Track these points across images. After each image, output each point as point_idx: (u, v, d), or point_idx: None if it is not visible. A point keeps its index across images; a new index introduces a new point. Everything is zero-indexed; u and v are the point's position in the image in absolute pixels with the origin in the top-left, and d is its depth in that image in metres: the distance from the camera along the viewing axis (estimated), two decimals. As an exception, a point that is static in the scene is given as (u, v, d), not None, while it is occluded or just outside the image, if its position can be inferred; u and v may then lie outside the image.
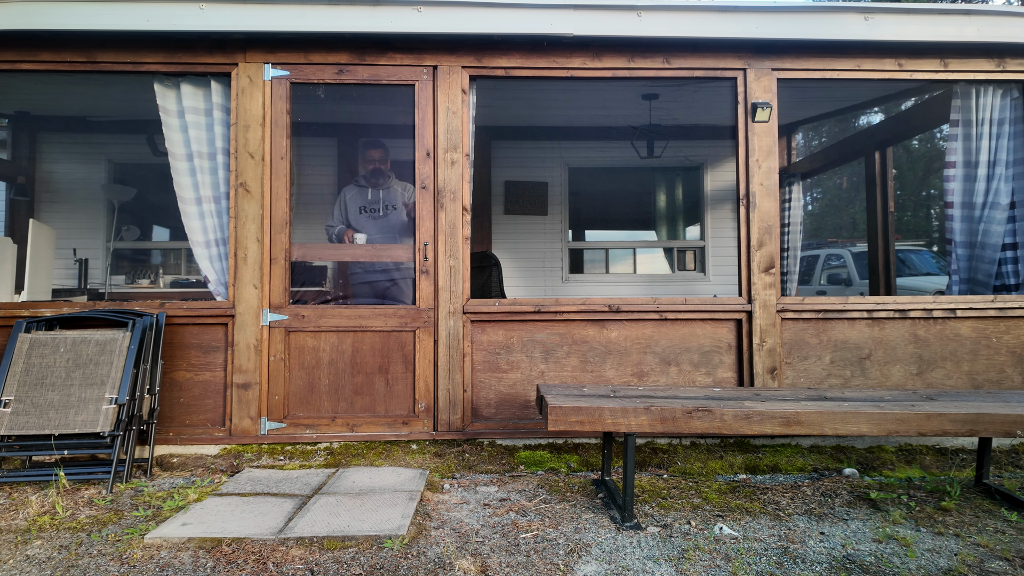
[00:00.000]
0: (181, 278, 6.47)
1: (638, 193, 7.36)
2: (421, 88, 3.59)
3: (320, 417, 3.48)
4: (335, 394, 3.50)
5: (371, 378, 3.52)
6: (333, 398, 3.50)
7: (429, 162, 3.59)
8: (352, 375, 3.51)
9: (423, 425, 3.51)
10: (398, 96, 3.76)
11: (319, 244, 3.63)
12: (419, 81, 3.59)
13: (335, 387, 3.51)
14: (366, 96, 5.42)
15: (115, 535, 2.40)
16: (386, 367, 3.53)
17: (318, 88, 3.73)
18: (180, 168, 3.62)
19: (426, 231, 3.58)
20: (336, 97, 5.46)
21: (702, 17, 3.47)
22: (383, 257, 3.95)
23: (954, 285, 3.97)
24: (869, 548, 2.31)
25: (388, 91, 3.74)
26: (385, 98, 5.42)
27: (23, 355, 3.12)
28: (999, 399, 2.75)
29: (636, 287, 7.00)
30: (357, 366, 3.52)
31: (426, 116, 3.59)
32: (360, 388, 3.51)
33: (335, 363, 3.51)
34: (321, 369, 3.51)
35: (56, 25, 3.31)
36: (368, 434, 3.47)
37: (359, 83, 3.60)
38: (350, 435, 3.46)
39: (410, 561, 2.17)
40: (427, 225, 3.58)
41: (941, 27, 3.55)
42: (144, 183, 6.50)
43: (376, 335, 3.54)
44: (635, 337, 3.59)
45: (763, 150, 3.65)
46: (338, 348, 3.52)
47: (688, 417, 2.47)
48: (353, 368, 3.51)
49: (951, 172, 3.93)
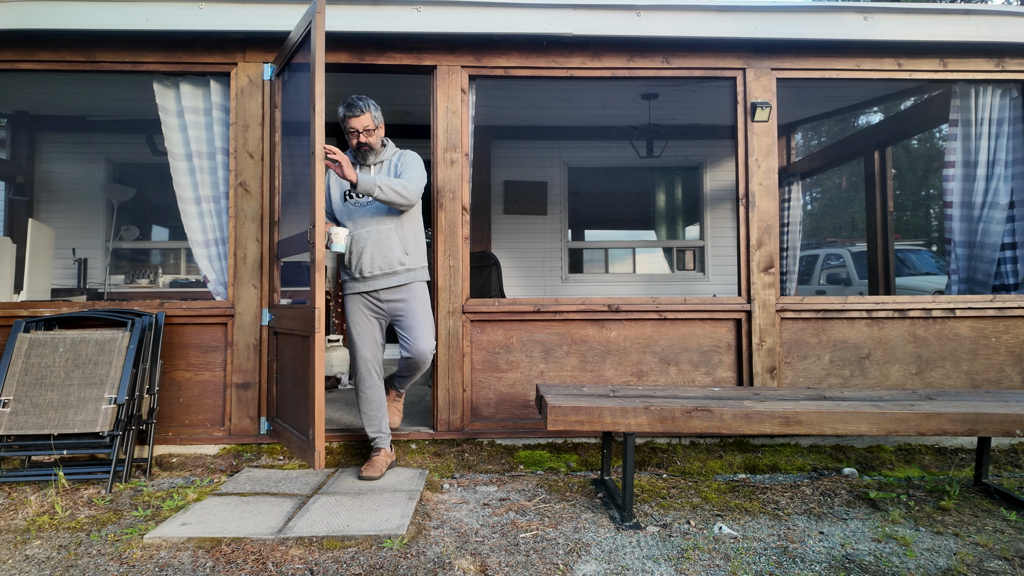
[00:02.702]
0: (180, 278, 6.47)
1: (638, 193, 7.36)
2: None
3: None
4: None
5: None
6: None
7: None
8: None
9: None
10: (398, 96, 3.77)
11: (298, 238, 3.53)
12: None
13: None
14: (365, 95, 5.42)
15: (114, 535, 2.40)
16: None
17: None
18: (179, 168, 3.62)
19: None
20: (335, 97, 5.46)
21: (701, 17, 3.47)
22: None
23: (953, 285, 3.97)
24: (868, 547, 2.31)
25: (388, 90, 3.74)
26: (385, 98, 5.43)
27: (22, 355, 3.12)
28: (998, 399, 2.75)
29: (635, 287, 7.00)
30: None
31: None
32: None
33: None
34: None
35: (55, 24, 3.31)
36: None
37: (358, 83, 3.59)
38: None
39: (410, 561, 2.17)
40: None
41: (940, 27, 3.55)
42: (143, 183, 6.50)
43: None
44: (634, 337, 3.59)
45: (762, 150, 3.65)
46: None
47: (687, 417, 2.47)
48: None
49: (950, 172, 3.94)
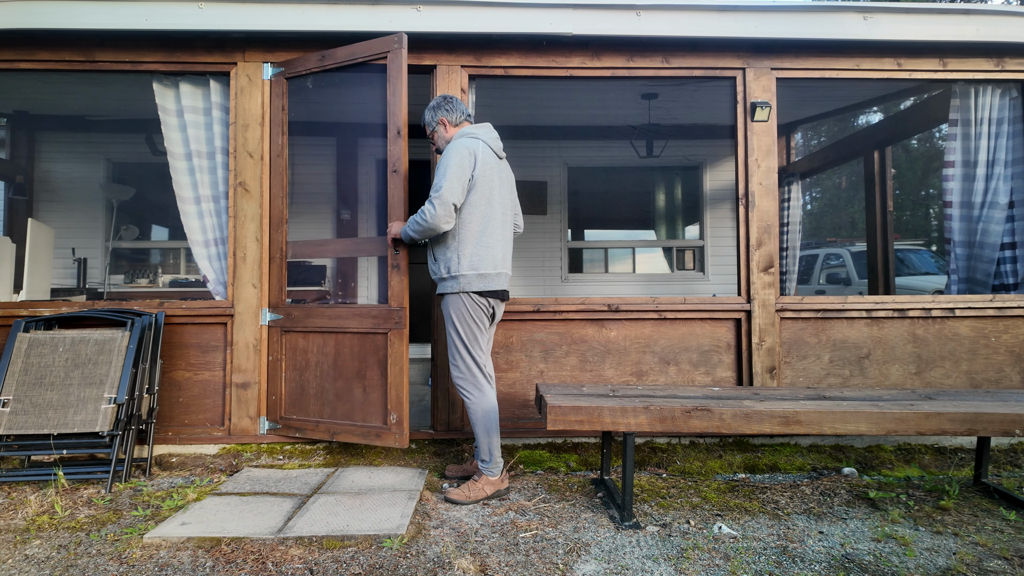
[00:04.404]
0: (180, 277, 6.47)
1: (637, 192, 7.36)
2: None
3: (307, 421, 3.46)
4: (320, 398, 3.47)
5: (350, 383, 3.48)
6: (319, 402, 3.47)
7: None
8: (334, 379, 3.43)
9: (394, 440, 3.47)
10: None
11: (303, 241, 3.55)
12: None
13: (320, 391, 3.47)
14: (365, 95, 5.42)
15: (114, 535, 2.39)
16: (363, 372, 3.49)
17: (307, 79, 3.68)
18: (179, 167, 3.61)
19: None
20: (336, 96, 5.47)
21: (701, 16, 3.47)
22: (363, 252, 3.58)
23: (953, 284, 3.97)
24: (868, 547, 2.31)
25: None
26: (384, 97, 5.42)
27: (22, 354, 3.12)
28: (998, 398, 2.75)
29: (635, 286, 7.00)
30: (339, 369, 3.42)
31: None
32: (341, 393, 3.47)
33: (320, 365, 3.46)
34: (309, 371, 3.43)
35: (55, 24, 3.30)
36: (347, 442, 3.45)
37: (358, 83, 3.59)
38: (333, 442, 3.45)
39: (409, 560, 2.17)
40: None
41: (940, 27, 3.55)
42: (143, 182, 6.50)
43: (354, 337, 3.47)
44: (634, 336, 3.59)
45: (762, 149, 3.65)
46: (323, 350, 3.44)
47: (687, 416, 2.47)
48: (335, 371, 3.39)
49: (950, 172, 3.94)
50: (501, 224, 2.80)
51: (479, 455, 2.81)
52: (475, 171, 2.71)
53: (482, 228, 2.74)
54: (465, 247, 2.73)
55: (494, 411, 2.78)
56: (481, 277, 2.73)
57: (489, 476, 2.79)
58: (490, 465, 2.79)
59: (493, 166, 2.79)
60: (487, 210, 2.74)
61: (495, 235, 2.77)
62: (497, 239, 2.77)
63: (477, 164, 2.71)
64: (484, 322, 2.80)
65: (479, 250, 2.73)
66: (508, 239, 2.86)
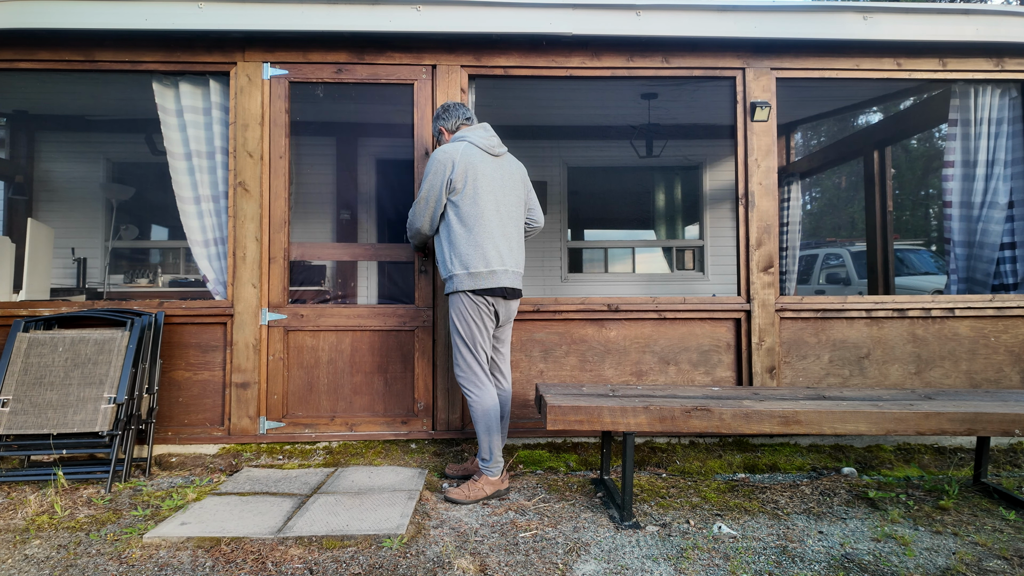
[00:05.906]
0: (180, 277, 6.47)
1: (637, 192, 7.36)
2: (420, 87, 3.59)
3: (319, 416, 3.48)
4: (334, 393, 3.50)
5: (370, 377, 3.52)
6: (332, 397, 3.50)
7: (427, 161, 3.58)
8: (351, 374, 3.51)
9: (422, 424, 3.51)
10: (397, 95, 3.77)
11: (317, 243, 3.60)
12: (418, 80, 3.59)
13: (334, 386, 3.51)
14: (365, 95, 5.43)
15: (114, 534, 2.39)
16: (385, 366, 3.53)
17: (317, 87, 3.72)
18: (179, 167, 3.61)
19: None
20: (335, 96, 5.46)
21: (701, 16, 3.47)
22: (382, 256, 3.87)
23: (952, 284, 3.97)
24: (867, 547, 2.31)
25: (387, 90, 3.74)
26: (384, 97, 5.43)
27: (21, 354, 3.12)
28: (997, 398, 2.76)
29: (635, 286, 7.01)
30: (356, 365, 3.51)
31: (425, 115, 3.59)
32: (359, 387, 3.51)
33: (334, 362, 3.51)
34: (320, 368, 3.51)
35: (54, 24, 3.30)
36: (367, 433, 3.47)
37: (358, 82, 3.60)
38: (349, 434, 3.46)
39: (409, 560, 2.17)
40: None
41: (940, 26, 3.55)
42: (143, 182, 6.50)
43: (375, 334, 3.54)
44: (634, 336, 3.59)
45: (762, 149, 3.65)
46: (337, 347, 3.51)
47: (687, 416, 2.47)
48: (352, 367, 3.51)
49: (950, 172, 3.94)
50: (496, 221, 2.80)
51: (480, 454, 2.82)
52: (452, 174, 2.74)
53: (470, 227, 2.76)
54: (455, 247, 2.77)
55: (495, 410, 2.78)
56: (472, 276, 2.74)
57: (489, 476, 2.79)
58: (490, 464, 2.79)
59: (480, 164, 2.80)
60: (473, 208, 2.75)
61: (485, 233, 2.76)
62: (488, 236, 2.76)
63: (456, 167, 2.74)
64: (485, 321, 2.80)
65: (468, 249, 2.75)
66: (508, 236, 2.84)
